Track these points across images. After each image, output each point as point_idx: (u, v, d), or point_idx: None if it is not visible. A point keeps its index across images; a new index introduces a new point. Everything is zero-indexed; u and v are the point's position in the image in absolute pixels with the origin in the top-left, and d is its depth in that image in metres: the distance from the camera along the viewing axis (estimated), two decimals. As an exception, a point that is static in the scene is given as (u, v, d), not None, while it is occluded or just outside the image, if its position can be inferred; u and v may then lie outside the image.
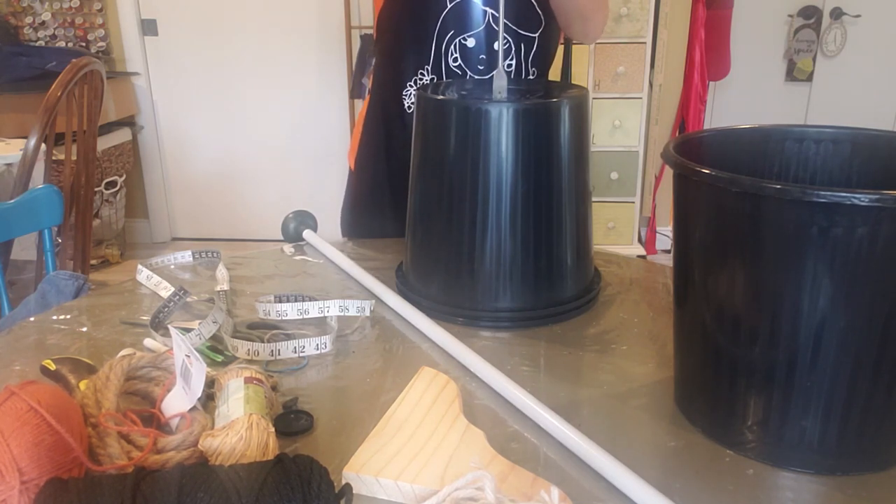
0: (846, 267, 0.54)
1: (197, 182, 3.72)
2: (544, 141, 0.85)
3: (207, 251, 1.09)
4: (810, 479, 0.61)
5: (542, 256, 0.87)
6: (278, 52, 3.44)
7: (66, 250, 2.01)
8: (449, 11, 1.10)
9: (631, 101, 3.03)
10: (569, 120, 0.86)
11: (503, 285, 0.87)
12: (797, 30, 3.35)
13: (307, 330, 0.87)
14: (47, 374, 0.72)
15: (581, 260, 0.92)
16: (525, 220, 0.85)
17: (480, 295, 0.88)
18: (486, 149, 0.84)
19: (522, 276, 0.87)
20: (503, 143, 0.83)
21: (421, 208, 0.92)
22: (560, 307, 0.89)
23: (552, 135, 0.85)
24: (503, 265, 0.86)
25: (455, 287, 0.89)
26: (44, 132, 1.79)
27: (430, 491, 0.57)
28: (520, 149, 0.84)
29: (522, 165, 0.84)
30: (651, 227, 3.37)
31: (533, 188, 0.85)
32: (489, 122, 0.83)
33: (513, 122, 0.83)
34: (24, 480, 0.51)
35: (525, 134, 0.83)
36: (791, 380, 0.59)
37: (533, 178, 0.85)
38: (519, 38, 1.12)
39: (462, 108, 0.84)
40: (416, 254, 0.94)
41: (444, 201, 0.88)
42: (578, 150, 0.88)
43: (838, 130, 0.71)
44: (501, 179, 0.84)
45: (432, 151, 0.88)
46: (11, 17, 3.48)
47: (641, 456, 0.63)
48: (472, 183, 0.85)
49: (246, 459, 0.57)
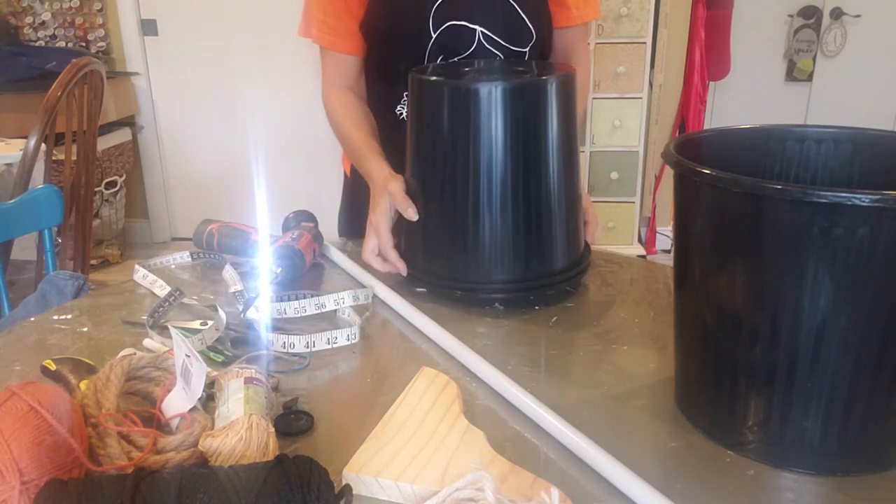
0: (847, 267, 0.54)
1: (197, 182, 3.72)
2: (533, 117, 0.89)
3: (206, 251, 1.09)
4: (811, 479, 0.60)
5: (532, 230, 0.91)
6: (278, 53, 3.44)
7: (66, 250, 2.01)
8: (434, 41, 1.10)
9: (631, 101, 3.02)
10: (556, 97, 0.90)
11: (497, 258, 0.91)
12: (797, 30, 3.35)
13: (303, 327, 0.87)
14: (47, 375, 0.72)
15: (570, 233, 0.95)
16: (515, 195, 0.90)
17: (475, 268, 0.92)
18: (477, 127, 0.88)
19: (514, 248, 0.91)
20: (493, 120, 0.87)
21: (417, 186, 0.95)
22: (551, 278, 0.94)
23: (540, 112, 0.89)
24: (496, 239, 0.90)
25: (451, 261, 0.93)
26: (44, 132, 1.79)
27: (430, 491, 0.57)
28: (509, 126, 0.88)
29: (512, 142, 0.88)
30: (651, 227, 3.37)
31: (523, 164, 0.89)
32: (479, 100, 0.87)
33: (502, 99, 0.87)
34: (24, 481, 0.51)
35: (514, 111, 0.87)
36: (792, 380, 0.58)
37: (523, 154, 0.89)
38: (510, 55, 1.12)
39: (453, 88, 0.89)
40: (413, 231, 0.96)
41: (438, 178, 0.92)
42: (566, 126, 0.92)
43: (839, 130, 0.71)
44: (493, 156, 0.88)
45: (426, 131, 0.93)
46: (11, 17, 3.47)
47: (642, 456, 0.63)
48: (465, 160, 0.89)
49: (246, 460, 0.57)
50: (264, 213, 2.67)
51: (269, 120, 3.58)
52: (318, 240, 1.06)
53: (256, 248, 1.05)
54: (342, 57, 1.17)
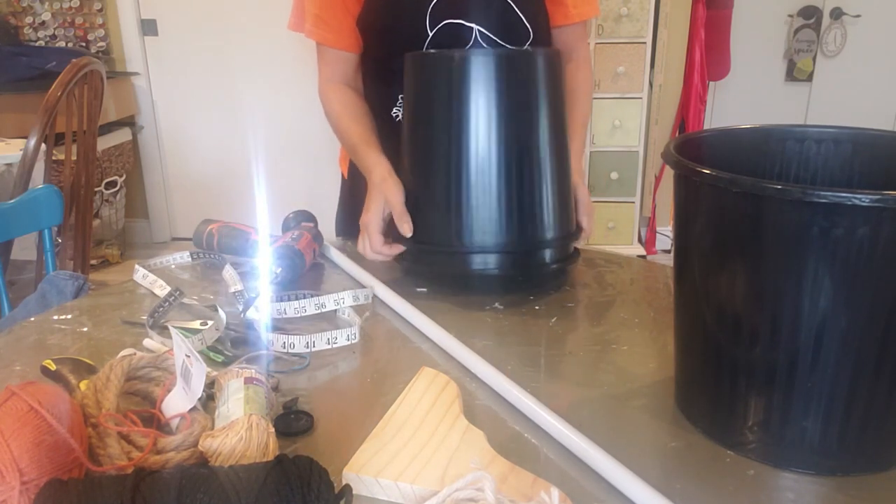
0: (847, 267, 0.54)
1: (197, 182, 3.72)
2: (523, 86, 0.93)
3: (206, 251, 1.09)
4: (811, 479, 0.60)
5: (524, 195, 0.94)
6: (278, 53, 3.44)
7: (66, 250, 2.01)
8: (431, 40, 1.10)
9: (631, 101, 3.02)
10: (544, 68, 0.94)
11: (491, 225, 0.94)
12: (797, 30, 3.35)
13: (303, 327, 0.87)
14: (48, 375, 0.72)
15: (562, 203, 0.98)
16: (508, 162, 0.93)
17: (470, 235, 0.94)
18: (468, 96, 0.91)
19: (507, 215, 0.94)
20: (484, 89, 0.91)
21: (413, 158, 0.98)
22: (544, 244, 0.97)
23: (529, 81, 0.94)
24: (489, 205, 0.93)
25: (448, 228, 0.95)
26: (44, 132, 1.79)
27: (430, 492, 0.57)
28: (502, 95, 0.92)
29: (505, 110, 0.92)
30: (651, 227, 3.37)
31: (514, 131, 0.93)
32: (470, 69, 0.91)
33: (494, 68, 0.91)
34: (24, 481, 0.51)
35: (505, 80, 0.92)
36: (792, 380, 0.58)
37: (514, 121, 0.93)
38: None
39: (446, 58, 0.94)
40: (410, 201, 0.99)
41: (433, 147, 0.95)
42: (554, 98, 0.96)
43: (839, 130, 0.71)
44: (486, 123, 0.92)
45: (422, 103, 0.96)
46: (11, 17, 3.47)
47: (642, 457, 0.63)
48: (458, 129, 0.93)
49: (246, 460, 0.57)
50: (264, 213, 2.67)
51: (269, 120, 3.59)
52: (318, 240, 1.06)
53: (256, 248, 1.05)
54: (337, 53, 1.16)
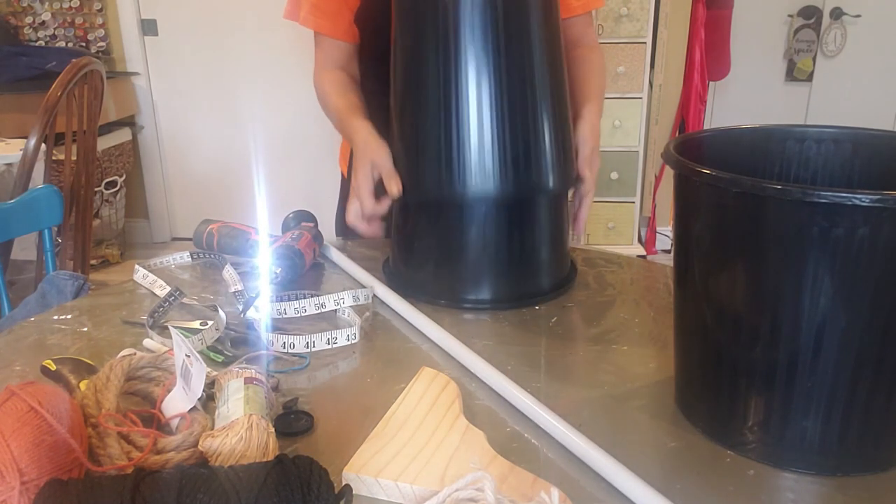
0: (847, 267, 0.54)
1: (197, 182, 3.72)
2: (517, 23, 0.89)
3: (206, 251, 1.09)
4: (811, 479, 0.60)
5: (519, 141, 0.91)
6: (278, 53, 3.44)
7: (66, 250, 2.01)
8: None
9: (631, 101, 3.02)
10: (540, 7, 0.91)
11: (487, 170, 0.90)
12: (797, 30, 3.35)
13: (303, 327, 0.87)
14: (47, 375, 0.72)
15: (560, 153, 0.95)
16: (501, 103, 0.89)
17: (464, 182, 0.91)
18: (460, 33, 0.88)
19: (502, 161, 0.90)
20: (478, 27, 0.88)
21: (402, 105, 0.95)
22: (543, 195, 0.94)
23: (523, 18, 0.90)
24: (485, 151, 0.90)
25: (442, 177, 0.92)
26: (44, 132, 1.79)
27: (430, 492, 0.57)
28: (496, 25, 0.88)
29: (503, 48, 0.89)
30: (651, 227, 3.37)
31: (508, 65, 0.89)
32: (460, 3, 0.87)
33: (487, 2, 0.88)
34: (24, 481, 0.51)
35: (499, 16, 0.88)
36: (792, 380, 0.58)
37: (509, 56, 0.89)
38: None
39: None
40: (401, 150, 0.96)
41: (423, 91, 0.92)
42: (549, 35, 0.93)
43: (839, 130, 0.71)
44: (479, 65, 0.89)
45: (410, 41, 0.92)
46: (11, 17, 3.47)
47: (642, 457, 0.63)
48: (448, 66, 0.89)
49: (246, 460, 0.57)
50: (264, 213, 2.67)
51: (268, 120, 3.59)
52: (318, 240, 1.06)
53: (256, 248, 1.05)
54: (333, 42, 1.16)
